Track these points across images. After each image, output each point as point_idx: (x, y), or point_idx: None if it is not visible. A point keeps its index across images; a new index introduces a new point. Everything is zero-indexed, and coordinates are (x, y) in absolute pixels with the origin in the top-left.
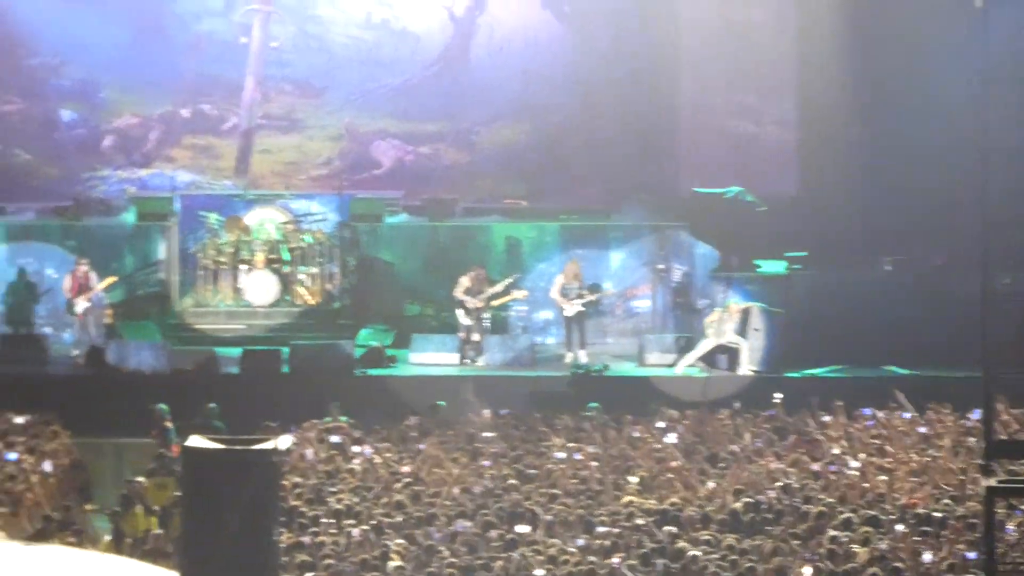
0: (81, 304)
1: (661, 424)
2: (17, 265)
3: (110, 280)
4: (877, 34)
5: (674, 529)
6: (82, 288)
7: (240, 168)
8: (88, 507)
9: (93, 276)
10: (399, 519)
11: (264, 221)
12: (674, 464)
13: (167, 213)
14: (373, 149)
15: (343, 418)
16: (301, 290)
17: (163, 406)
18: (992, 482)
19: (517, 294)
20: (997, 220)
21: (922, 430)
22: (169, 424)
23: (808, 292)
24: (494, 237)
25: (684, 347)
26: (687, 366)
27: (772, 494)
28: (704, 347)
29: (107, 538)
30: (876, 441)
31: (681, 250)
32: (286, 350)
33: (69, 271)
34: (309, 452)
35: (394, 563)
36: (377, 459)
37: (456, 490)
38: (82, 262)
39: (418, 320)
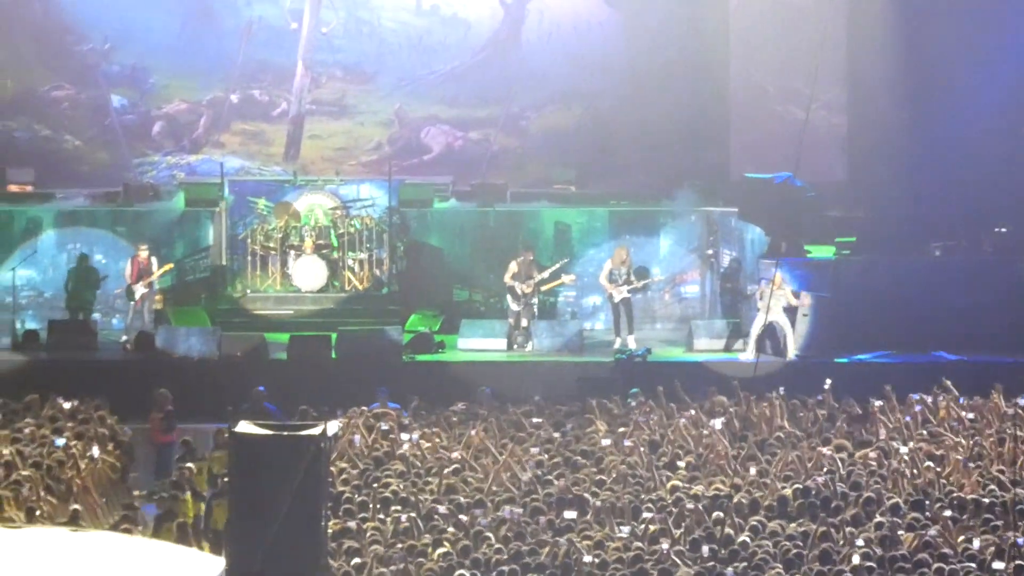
0: (140, 290)
1: (709, 409)
2: (73, 251)
3: (168, 267)
4: (927, 17)
5: (721, 515)
6: (142, 274)
7: (290, 154)
8: (136, 493)
9: (154, 262)
10: (446, 505)
11: (313, 207)
12: (721, 449)
13: (216, 199)
14: (423, 135)
15: (391, 404)
16: (350, 276)
17: (165, 390)
18: None
19: (566, 279)
20: None
21: (970, 416)
22: (171, 408)
23: (857, 277)
24: (543, 222)
25: (733, 332)
26: (744, 348)
27: (820, 480)
28: (757, 326)
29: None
30: (925, 427)
31: (730, 235)
32: (334, 336)
33: (130, 257)
34: (357, 438)
35: (441, 549)
36: (425, 445)
37: (504, 476)
38: (143, 248)
39: (466, 305)
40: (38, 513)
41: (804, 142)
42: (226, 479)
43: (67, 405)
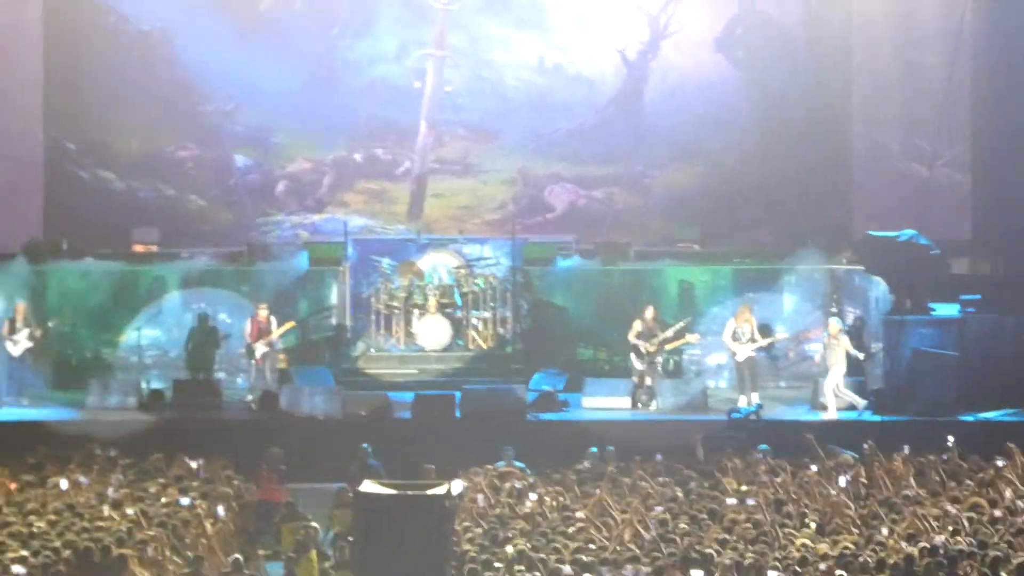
0: (260, 349)
1: (834, 467)
2: (197, 310)
3: (289, 325)
4: None
5: (847, 574)
6: (262, 333)
7: (413, 212)
8: (261, 552)
9: (273, 321)
10: (571, 565)
11: (437, 265)
12: (847, 508)
13: (340, 258)
14: (546, 193)
15: (516, 463)
16: (473, 334)
17: (278, 449)
18: None
19: (690, 338)
20: None
21: None
22: (283, 467)
23: (982, 335)
24: (667, 281)
25: (857, 391)
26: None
27: (946, 538)
28: (830, 383)
29: None
30: None
31: (854, 293)
32: (458, 395)
33: (250, 316)
34: (480, 497)
35: None
36: (550, 503)
37: (628, 534)
38: (263, 307)
39: (591, 364)
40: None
41: (928, 200)
42: (350, 538)
43: (193, 464)
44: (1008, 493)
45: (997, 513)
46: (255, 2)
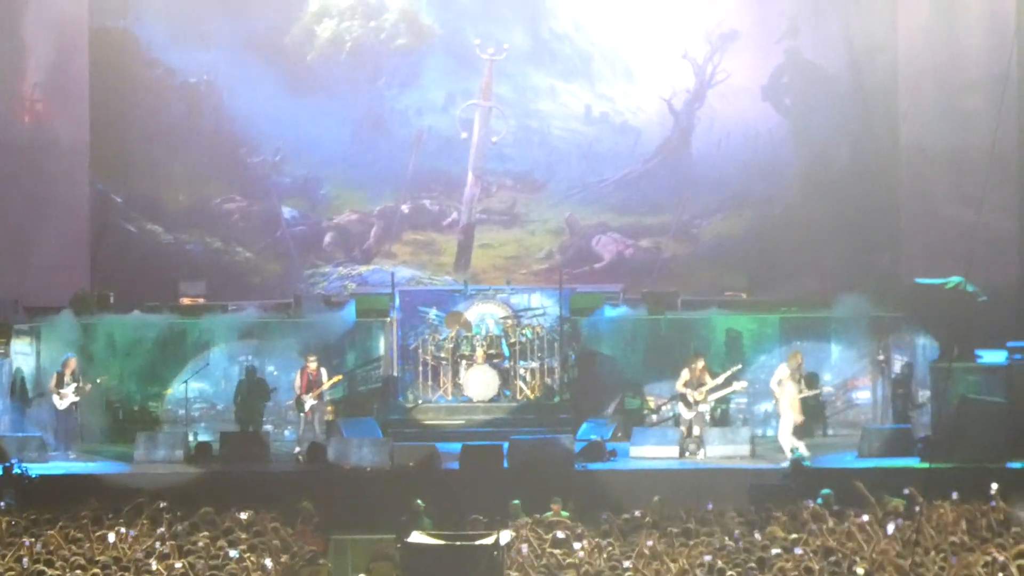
0: (309, 401)
1: (882, 514)
2: (244, 363)
3: (337, 378)
4: None
5: None
6: (311, 385)
7: (460, 263)
8: None
9: (323, 372)
10: None
11: (484, 316)
12: (895, 555)
13: (387, 309)
14: (593, 243)
15: (564, 513)
16: (521, 385)
17: (308, 504)
18: None
19: (737, 386)
20: None
21: None
22: (318, 519)
23: None
24: (714, 329)
25: (904, 439)
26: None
27: None
28: (786, 423)
29: None
30: None
31: (901, 341)
32: (506, 445)
33: (299, 368)
34: (524, 547)
35: None
36: (598, 553)
37: None
38: (312, 358)
39: (638, 413)
40: None
41: (976, 245)
42: None
43: (243, 516)
44: None
45: None
46: (301, 53)
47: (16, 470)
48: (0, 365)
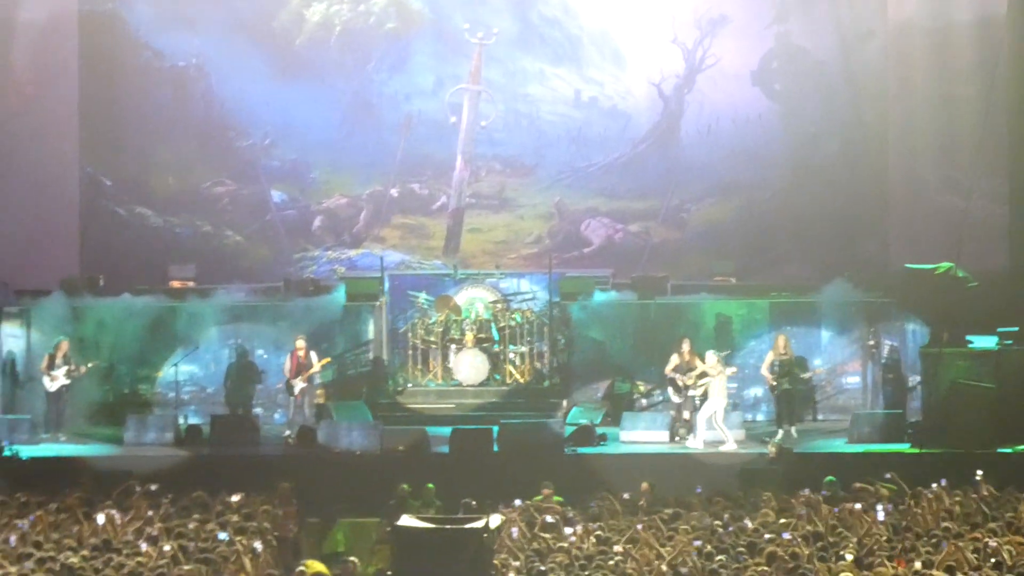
0: (299, 384)
1: (871, 500)
2: (235, 347)
3: (326, 360)
4: None
5: None
6: (301, 368)
7: (450, 247)
8: None
9: (312, 355)
10: None
11: (474, 300)
12: (885, 540)
13: (376, 293)
14: (583, 227)
15: (555, 497)
16: (511, 369)
17: (287, 484)
18: None
19: (727, 371)
20: None
21: None
22: (295, 501)
23: (1020, 367)
24: (704, 314)
25: (894, 423)
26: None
27: (983, 571)
28: (707, 412)
29: None
30: None
31: (891, 326)
32: (496, 429)
33: (289, 352)
34: (515, 531)
35: None
36: (588, 537)
37: (665, 568)
38: (300, 340)
39: (628, 398)
40: None
41: (965, 232)
42: (389, 573)
43: (233, 499)
44: None
45: None
46: (290, 38)
47: (6, 452)
48: None
